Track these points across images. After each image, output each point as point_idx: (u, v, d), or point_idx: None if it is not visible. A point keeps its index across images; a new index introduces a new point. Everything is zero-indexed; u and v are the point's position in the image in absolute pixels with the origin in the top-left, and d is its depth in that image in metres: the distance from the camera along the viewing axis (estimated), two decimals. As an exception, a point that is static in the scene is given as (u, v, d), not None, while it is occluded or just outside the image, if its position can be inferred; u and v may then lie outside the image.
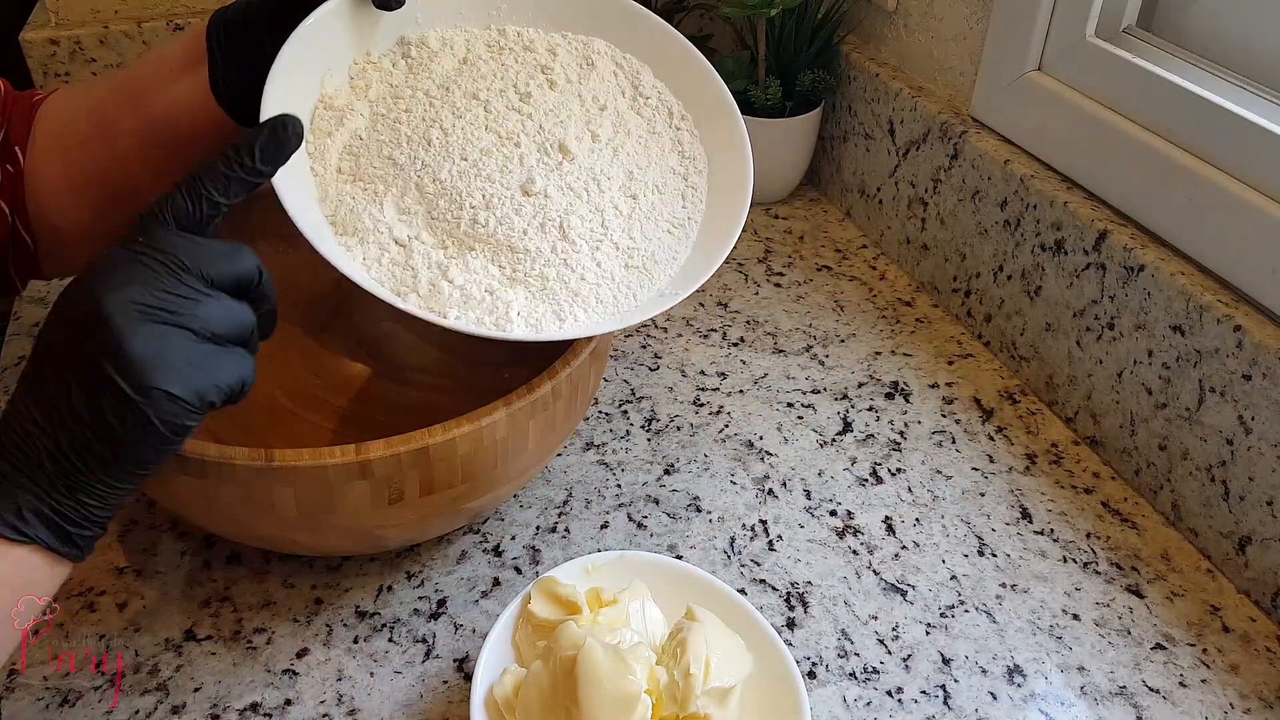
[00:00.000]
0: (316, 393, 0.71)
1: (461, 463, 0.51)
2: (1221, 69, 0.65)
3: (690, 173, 0.58)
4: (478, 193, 0.51)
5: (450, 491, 0.52)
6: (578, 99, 0.56)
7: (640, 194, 0.55)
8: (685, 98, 0.59)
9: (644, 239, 0.54)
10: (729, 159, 0.58)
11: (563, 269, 0.52)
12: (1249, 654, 0.57)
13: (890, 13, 0.89)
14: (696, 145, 0.59)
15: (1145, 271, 0.64)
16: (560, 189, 0.53)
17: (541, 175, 0.52)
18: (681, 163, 0.58)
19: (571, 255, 0.52)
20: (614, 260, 0.53)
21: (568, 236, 0.52)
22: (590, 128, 0.55)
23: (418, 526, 0.54)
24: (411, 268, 0.50)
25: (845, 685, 0.55)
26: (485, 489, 0.54)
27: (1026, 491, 0.67)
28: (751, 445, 0.70)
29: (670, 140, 0.58)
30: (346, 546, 0.56)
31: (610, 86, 0.58)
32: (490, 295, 0.50)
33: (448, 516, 0.55)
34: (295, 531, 0.52)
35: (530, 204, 0.52)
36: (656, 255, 0.55)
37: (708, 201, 0.58)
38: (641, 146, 0.57)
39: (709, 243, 0.55)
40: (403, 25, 0.55)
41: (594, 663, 0.45)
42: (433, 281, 0.50)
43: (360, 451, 0.48)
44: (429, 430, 0.50)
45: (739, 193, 0.56)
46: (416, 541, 0.60)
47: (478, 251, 0.51)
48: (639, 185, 0.55)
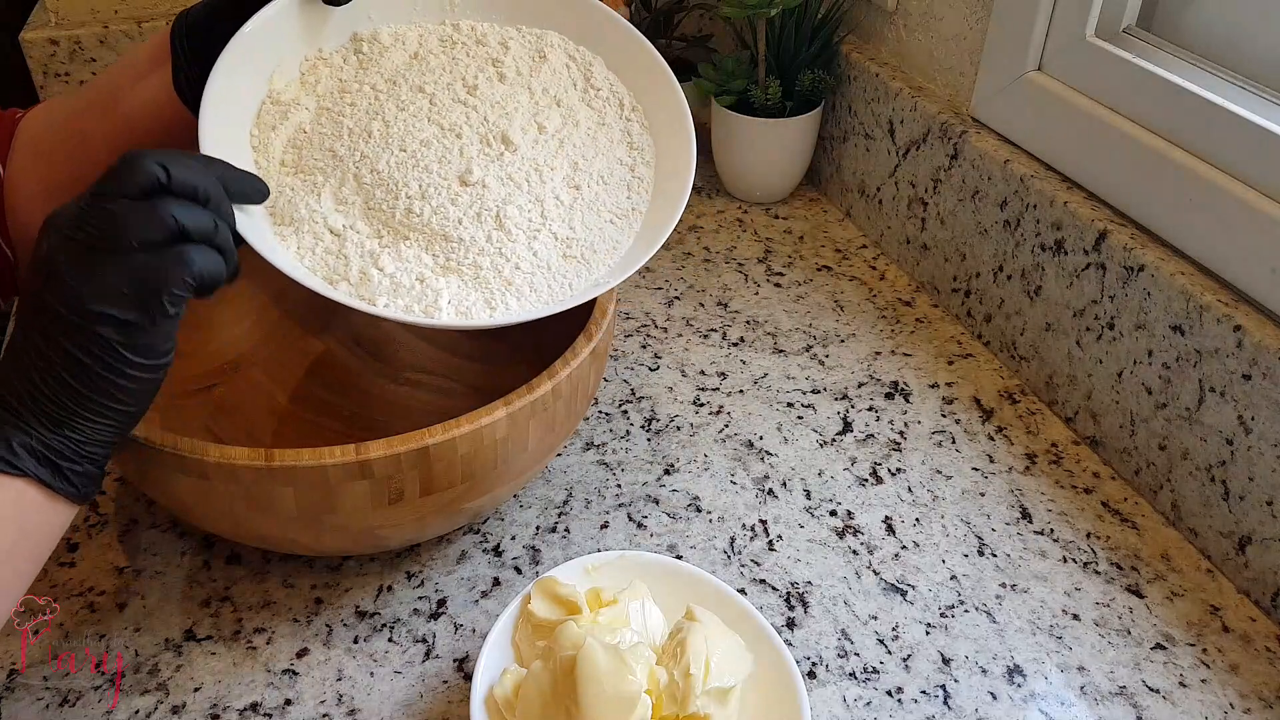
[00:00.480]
0: (317, 393, 0.71)
1: (461, 463, 0.51)
2: (1221, 69, 0.65)
3: (638, 164, 0.58)
4: (414, 182, 0.51)
5: (450, 491, 0.52)
6: (527, 91, 0.56)
7: (584, 184, 0.55)
8: (636, 89, 0.60)
9: (584, 229, 0.54)
10: (676, 148, 0.58)
11: (497, 258, 0.52)
12: (1249, 654, 0.57)
13: (890, 13, 0.89)
14: (645, 136, 0.59)
15: (1145, 271, 0.64)
16: (499, 179, 0.53)
17: (480, 166, 0.53)
18: (629, 154, 0.58)
19: (506, 245, 0.52)
20: (551, 250, 0.53)
21: (504, 226, 0.52)
22: (538, 119, 0.55)
23: (417, 526, 0.54)
24: (344, 256, 0.50)
25: (845, 685, 0.55)
26: (485, 489, 0.54)
27: (1026, 491, 0.67)
28: (751, 445, 0.70)
29: (620, 131, 0.58)
30: (346, 546, 0.57)
31: (562, 79, 0.58)
32: (420, 283, 0.50)
33: (448, 516, 0.55)
34: (295, 531, 0.52)
35: (467, 194, 0.52)
36: (596, 245, 0.54)
37: (653, 192, 0.57)
38: (589, 138, 0.57)
39: (650, 233, 0.55)
40: (356, 22, 0.56)
41: (594, 663, 0.45)
42: (364, 270, 0.50)
43: (360, 451, 0.48)
44: (429, 430, 0.50)
45: (681, 181, 0.56)
46: (416, 541, 0.60)
47: (412, 240, 0.51)
48: (583, 176, 0.55)
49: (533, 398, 0.52)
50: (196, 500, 0.51)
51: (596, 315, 0.58)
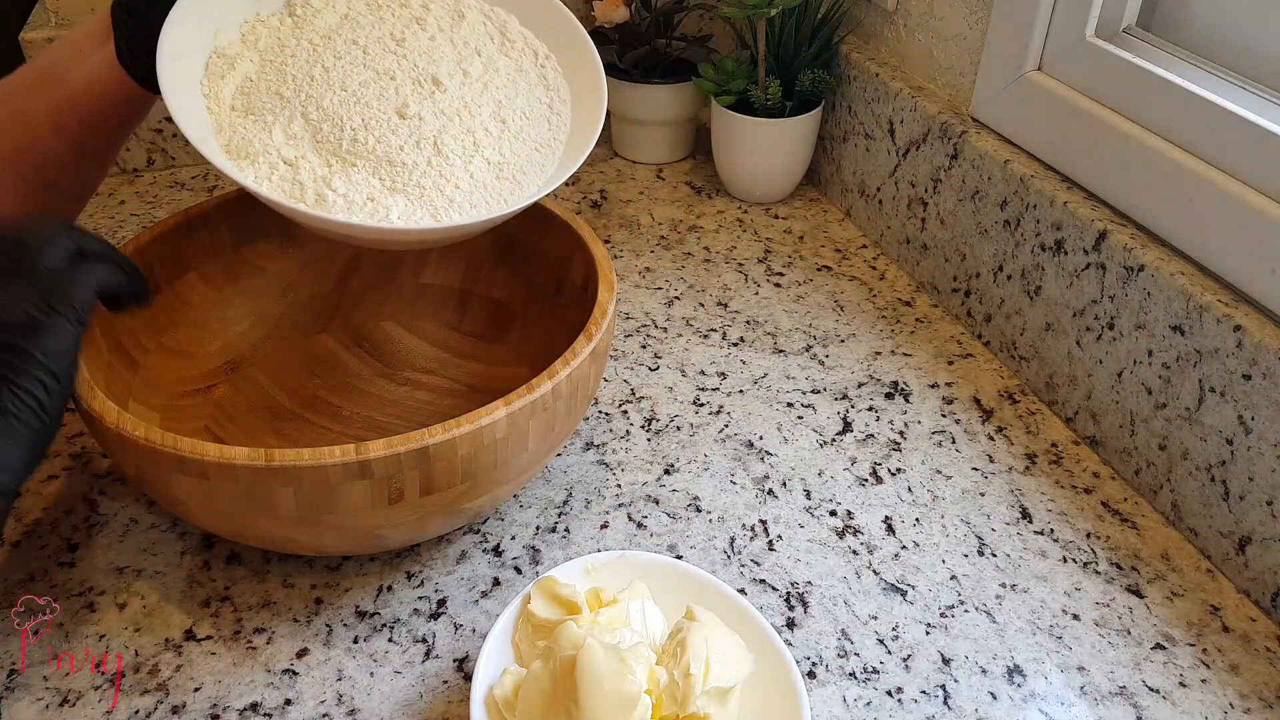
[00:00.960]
0: (317, 393, 0.71)
1: (462, 463, 0.51)
2: (1222, 69, 0.65)
3: (555, 101, 0.62)
4: (356, 117, 0.55)
5: (450, 491, 0.52)
6: (450, 43, 0.60)
7: (509, 119, 0.59)
8: (550, 44, 0.63)
9: (513, 155, 0.58)
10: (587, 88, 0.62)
11: (438, 179, 0.55)
12: (1249, 654, 0.57)
13: (890, 12, 0.89)
14: (560, 80, 0.62)
15: (1145, 271, 0.64)
16: (434, 113, 0.56)
17: (415, 102, 0.56)
18: (547, 94, 0.62)
19: (445, 168, 0.56)
20: (486, 172, 0.57)
21: (441, 152, 0.56)
22: (462, 66, 0.59)
23: (418, 526, 0.55)
24: (299, 182, 0.54)
25: (845, 685, 0.55)
26: (485, 489, 0.54)
27: (1026, 491, 0.67)
28: (751, 445, 0.70)
29: (536, 76, 0.62)
30: (346, 546, 0.57)
31: (480, 34, 0.61)
32: (371, 202, 0.54)
33: (448, 516, 0.55)
34: (295, 531, 0.52)
35: (406, 126, 0.56)
36: (525, 169, 0.59)
37: (571, 126, 0.62)
38: (509, 82, 0.60)
39: (571, 156, 0.60)
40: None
41: (594, 663, 0.45)
42: (319, 192, 0.54)
43: (360, 451, 0.48)
44: (429, 430, 0.50)
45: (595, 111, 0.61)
46: (416, 541, 0.60)
47: (359, 167, 0.55)
48: (507, 112, 0.59)
49: (532, 398, 0.52)
50: (196, 500, 0.51)
51: (596, 315, 0.58)
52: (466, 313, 0.61)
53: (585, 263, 0.66)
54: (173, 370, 0.66)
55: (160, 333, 0.66)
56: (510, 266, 0.70)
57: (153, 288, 0.57)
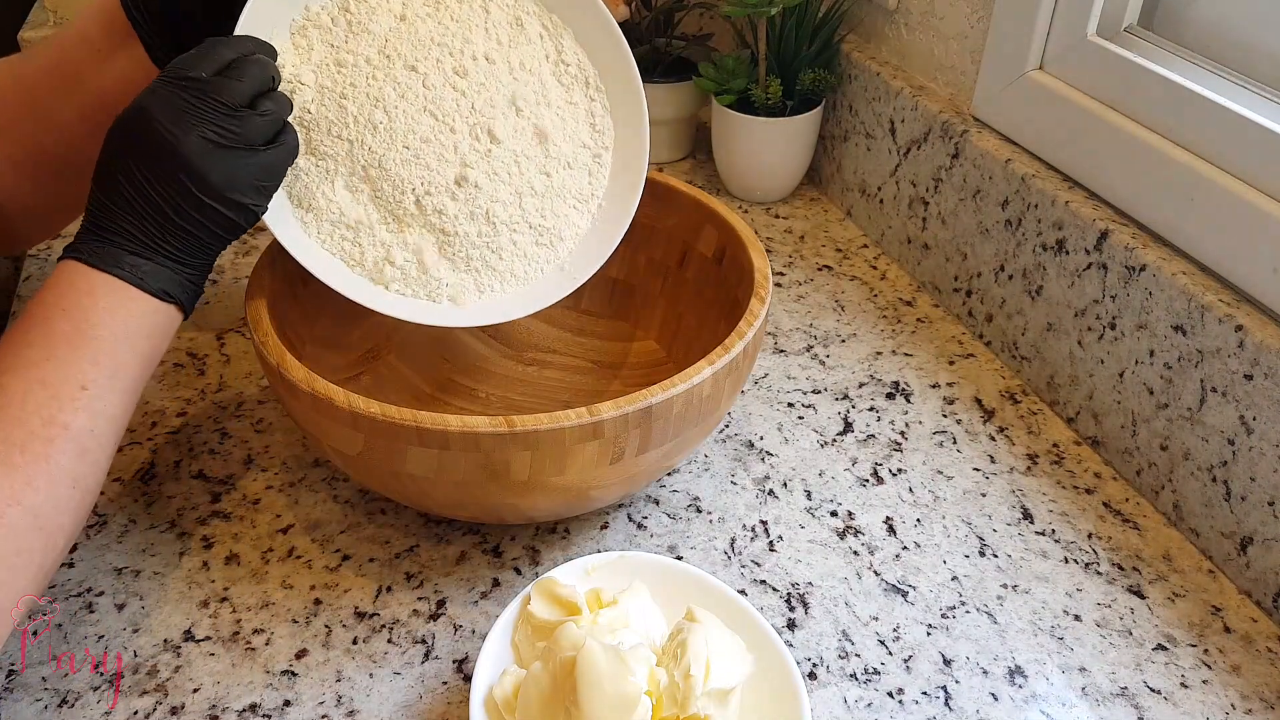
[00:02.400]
0: (451, 376, 0.73)
1: (675, 420, 0.54)
2: (1223, 68, 0.65)
3: (599, 149, 0.64)
4: (418, 181, 0.58)
5: (658, 450, 0.55)
6: (506, 66, 0.60)
7: (554, 171, 0.61)
8: (600, 67, 0.64)
9: (554, 217, 0.62)
10: (630, 136, 0.64)
11: (485, 250, 0.60)
12: (1250, 655, 0.57)
13: (891, 11, 0.89)
14: (606, 119, 0.64)
15: (1146, 271, 0.64)
16: (488, 176, 0.59)
17: (473, 163, 0.59)
18: (593, 137, 0.63)
19: (493, 238, 0.60)
20: (527, 239, 0.61)
21: (492, 223, 0.60)
22: (515, 102, 0.60)
23: (628, 485, 0.57)
24: (359, 245, 0.58)
25: (846, 686, 0.55)
26: (689, 444, 0.58)
27: (1028, 492, 0.67)
28: (752, 445, 0.70)
29: (585, 112, 0.63)
30: (557, 509, 0.58)
31: (537, 50, 0.62)
32: (424, 272, 0.59)
33: (655, 473, 0.58)
34: (518, 496, 0.54)
35: (463, 193, 0.59)
36: (562, 231, 0.62)
37: (610, 177, 0.64)
38: (559, 119, 0.62)
39: (606, 223, 0.63)
40: None
41: (594, 663, 0.45)
42: (377, 259, 0.58)
43: (594, 413, 0.51)
44: (649, 390, 0.53)
45: (636, 173, 0.63)
46: (620, 501, 0.64)
47: (415, 229, 0.59)
48: (553, 163, 0.61)
49: (729, 357, 0.55)
50: (429, 472, 0.53)
51: (759, 280, 0.61)
52: (583, 292, 0.64)
53: (721, 234, 0.68)
54: (328, 360, 0.68)
55: (312, 324, 0.67)
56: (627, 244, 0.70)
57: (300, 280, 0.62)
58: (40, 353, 0.47)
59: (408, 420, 0.51)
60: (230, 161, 0.50)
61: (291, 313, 0.64)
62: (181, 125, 0.48)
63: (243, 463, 0.68)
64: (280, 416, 0.72)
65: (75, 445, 0.47)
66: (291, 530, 0.63)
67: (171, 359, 0.77)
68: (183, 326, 0.80)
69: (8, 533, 0.44)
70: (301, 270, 0.57)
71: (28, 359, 0.47)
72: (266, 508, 0.64)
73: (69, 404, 0.47)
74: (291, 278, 0.62)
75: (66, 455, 0.46)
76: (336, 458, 0.56)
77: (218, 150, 0.49)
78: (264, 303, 0.59)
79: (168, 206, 0.49)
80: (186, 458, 0.68)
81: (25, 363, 0.47)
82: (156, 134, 0.48)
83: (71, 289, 0.49)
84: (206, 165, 0.49)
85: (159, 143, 0.48)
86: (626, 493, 0.60)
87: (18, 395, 0.46)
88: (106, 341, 0.49)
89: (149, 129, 0.48)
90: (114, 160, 0.49)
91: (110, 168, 0.49)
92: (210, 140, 0.49)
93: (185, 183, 0.49)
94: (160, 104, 0.49)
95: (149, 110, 0.48)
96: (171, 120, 0.48)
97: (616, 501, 0.62)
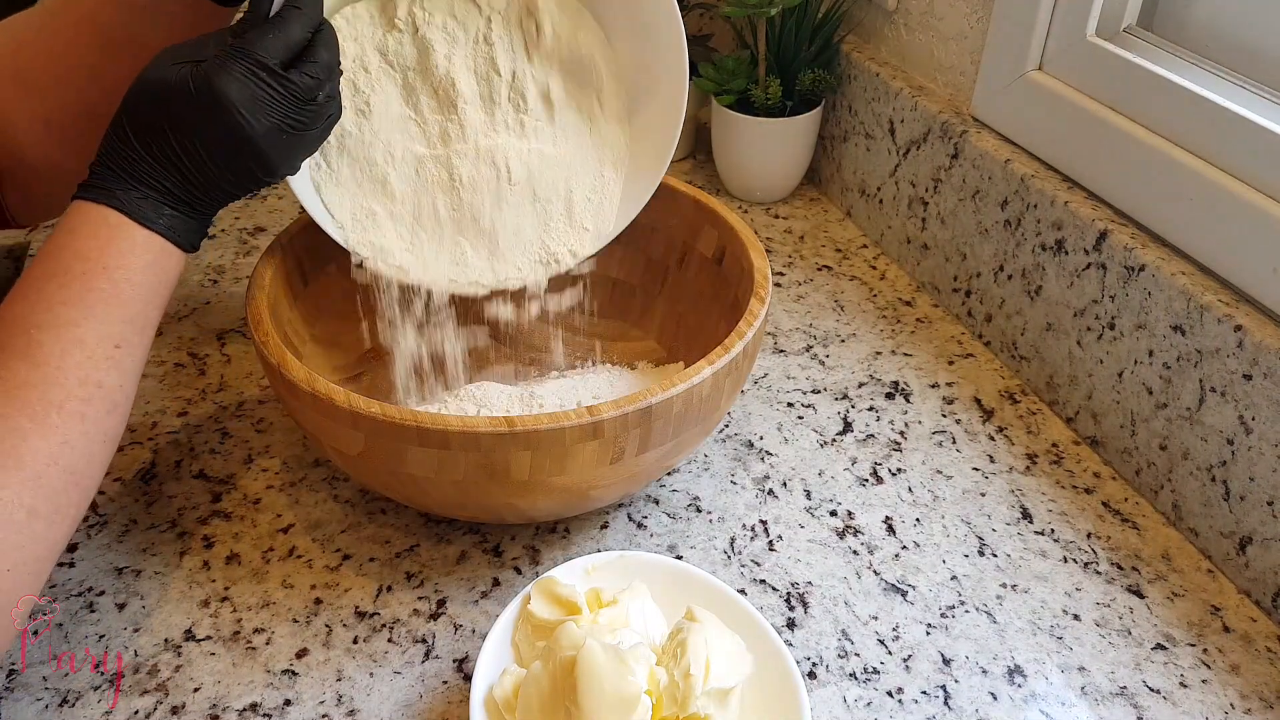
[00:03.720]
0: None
1: (674, 420, 0.54)
2: (1222, 68, 0.65)
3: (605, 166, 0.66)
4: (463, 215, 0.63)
5: (658, 450, 0.55)
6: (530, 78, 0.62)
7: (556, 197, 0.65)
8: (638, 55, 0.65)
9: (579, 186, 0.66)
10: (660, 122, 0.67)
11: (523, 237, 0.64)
12: (1250, 654, 0.57)
13: (890, 12, 0.89)
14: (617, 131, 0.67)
15: (1146, 271, 0.64)
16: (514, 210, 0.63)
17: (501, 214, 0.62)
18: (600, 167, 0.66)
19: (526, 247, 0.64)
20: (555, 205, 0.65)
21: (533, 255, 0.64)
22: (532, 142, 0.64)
23: (628, 485, 0.58)
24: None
25: (845, 685, 0.55)
26: (688, 444, 0.58)
27: (1027, 491, 0.67)
28: (751, 445, 0.70)
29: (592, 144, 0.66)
30: (557, 509, 0.58)
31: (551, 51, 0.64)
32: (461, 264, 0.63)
33: (654, 471, 0.58)
34: (518, 496, 0.54)
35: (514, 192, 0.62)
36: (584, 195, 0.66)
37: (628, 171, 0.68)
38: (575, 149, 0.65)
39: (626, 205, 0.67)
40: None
41: (594, 663, 0.45)
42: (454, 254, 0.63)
43: (593, 413, 0.51)
44: (648, 390, 0.53)
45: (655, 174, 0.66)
46: (619, 501, 0.64)
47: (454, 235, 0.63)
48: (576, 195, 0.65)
49: (729, 358, 0.55)
50: (429, 472, 0.53)
51: (759, 280, 0.62)
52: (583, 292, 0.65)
53: (721, 235, 0.68)
54: (328, 360, 0.68)
55: (311, 324, 0.67)
56: (627, 245, 0.71)
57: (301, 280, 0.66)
58: (78, 311, 0.47)
59: (408, 420, 0.51)
60: (293, 145, 0.51)
61: (292, 313, 0.64)
62: (258, 116, 0.49)
63: (243, 462, 0.68)
64: (281, 416, 0.72)
65: (108, 402, 0.48)
66: (292, 530, 0.63)
67: (172, 359, 0.77)
68: (183, 326, 0.80)
69: (49, 492, 0.45)
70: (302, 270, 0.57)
71: (66, 318, 0.47)
72: (267, 507, 0.65)
73: (104, 363, 0.47)
74: (292, 278, 0.62)
75: (100, 413, 0.47)
76: (337, 458, 0.56)
77: (284, 137, 0.50)
78: (264, 303, 0.59)
79: (223, 180, 0.50)
80: (187, 457, 0.68)
81: (63, 321, 0.47)
82: (232, 119, 0.48)
83: (112, 243, 0.48)
84: (273, 151, 0.50)
85: (233, 128, 0.49)
86: (626, 492, 0.60)
87: (55, 354, 0.46)
88: (140, 299, 0.49)
89: (224, 112, 0.48)
90: (172, 125, 0.49)
91: (159, 126, 0.49)
92: (280, 128, 0.50)
93: (249, 164, 0.50)
94: (238, 90, 0.48)
95: (226, 96, 0.48)
96: (249, 109, 0.48)
97: (616, 501, 0.62)
